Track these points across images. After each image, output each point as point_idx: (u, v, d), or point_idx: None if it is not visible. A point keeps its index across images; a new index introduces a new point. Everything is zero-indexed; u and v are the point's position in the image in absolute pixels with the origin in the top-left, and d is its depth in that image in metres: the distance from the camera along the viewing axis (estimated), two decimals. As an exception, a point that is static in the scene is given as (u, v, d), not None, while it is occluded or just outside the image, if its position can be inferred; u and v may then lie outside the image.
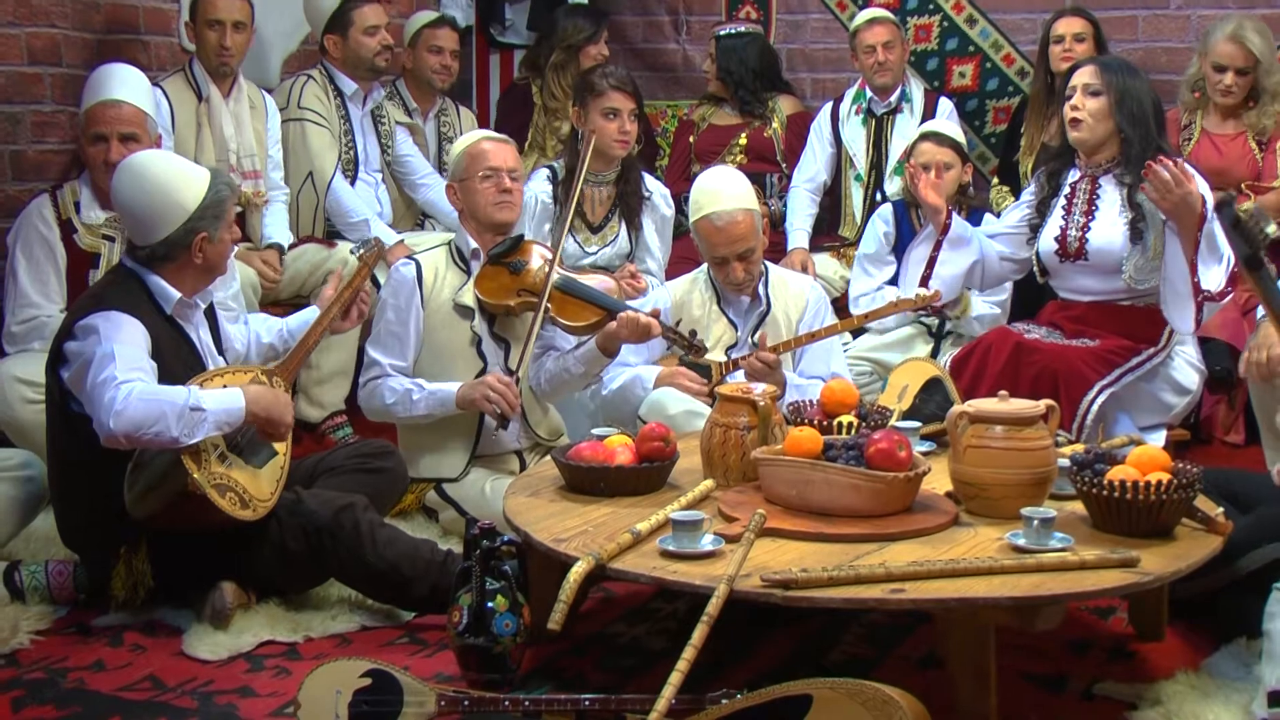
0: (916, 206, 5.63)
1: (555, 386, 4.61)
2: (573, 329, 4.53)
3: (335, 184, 5.67)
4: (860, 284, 5.72)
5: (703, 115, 6.61)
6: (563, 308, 4.52)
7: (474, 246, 4.56)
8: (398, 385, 4.47)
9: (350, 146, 5.78)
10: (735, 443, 3.63)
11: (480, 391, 4.36)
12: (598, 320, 4.50)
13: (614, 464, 3.62)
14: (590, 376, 4.61)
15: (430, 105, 6.28)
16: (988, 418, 3.36)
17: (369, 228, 5.63)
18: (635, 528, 3.22)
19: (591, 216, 5.61)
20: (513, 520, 3.43)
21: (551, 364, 4.60)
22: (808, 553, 3.11)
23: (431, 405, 4.44)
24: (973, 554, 3.09)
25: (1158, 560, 3.07)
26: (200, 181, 3.82)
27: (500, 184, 4.51)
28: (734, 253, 4.65)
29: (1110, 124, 4.62)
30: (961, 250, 4.86)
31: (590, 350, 4.51)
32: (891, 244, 5.71)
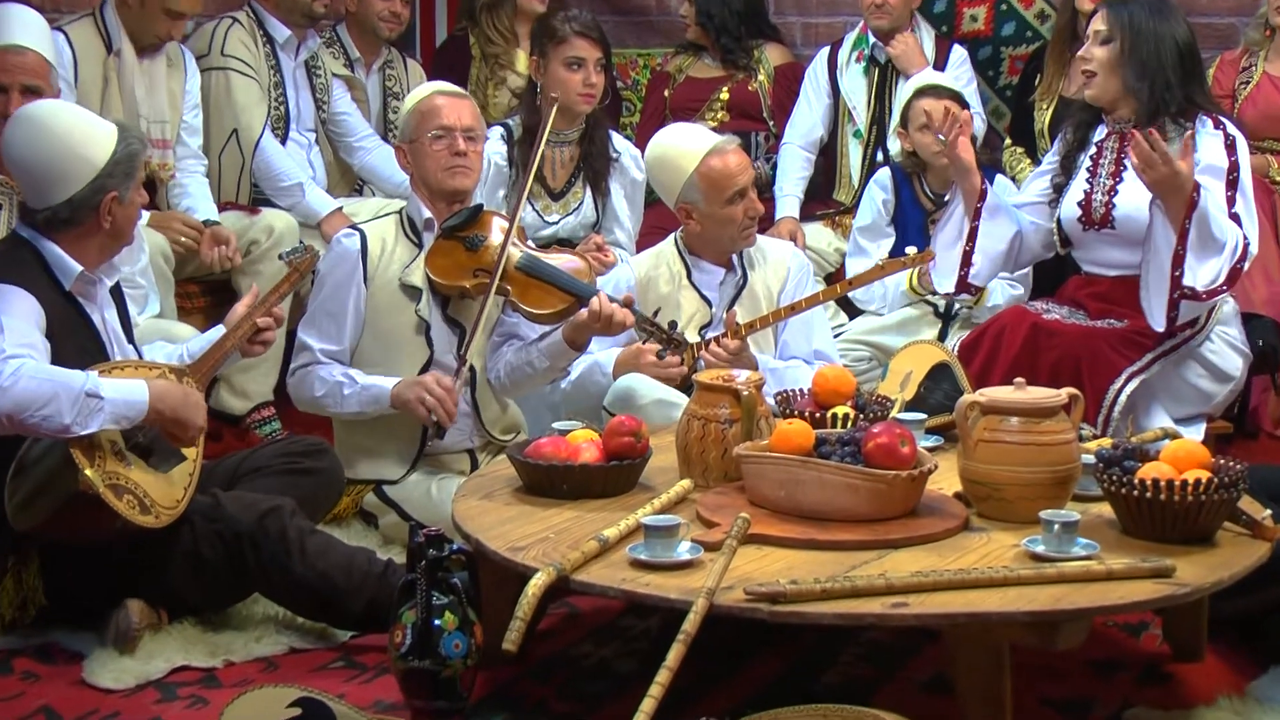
0: (920, 173, 5.63)
1: (516, 381, 4.59)
2: (536, 317, 4.51)
3: (264, 143, 5.63)
4: (858, 262, 5.71)
5: (679, 66, 6.59)
6: (525, 292, 4.49)
7: (427, 216, 4.53)
8: (329, 375, 4.45)
9: (281, 101, 5.75)
10: (715, 437, 3.62)
11: (415, 393, 4.33)
12: (565, 308, 4.48)
13: (578, 462, 3.61)
14: (556, 372, 4.60)
15: (374, 57, 6.24)
16: (1002, 408, 3.37)
17: (303, 193, 5.60)
18: (602, 534, 3.21)
19: (552, 181, 5.59)
20: (463, 526, 3.42)
21: (513, 355, 4.58)
22: (798, 562, 3.11)
23: (363, 402, 4.42)
24: (985, 563, 3.09)
25: (1196, 570, 3.08)
26: (109, 135, 3.80)
27: (453, 146, 4.48)
28: (750, 179, 4.75)
29: (1119, 77, 4.62)
30: (1000, 220, 4.86)
31: (556, 343, 4.49)
32: (890, 214, 5.71)
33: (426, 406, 4.31)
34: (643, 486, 3.67)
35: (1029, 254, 4.96)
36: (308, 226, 5.57)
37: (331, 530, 4.14)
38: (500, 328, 4.62)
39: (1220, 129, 4.59)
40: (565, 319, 4.47)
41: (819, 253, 6.04)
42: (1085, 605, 2.93)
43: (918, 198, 5.67)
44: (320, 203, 5.64)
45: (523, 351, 4.56)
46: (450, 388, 4.32)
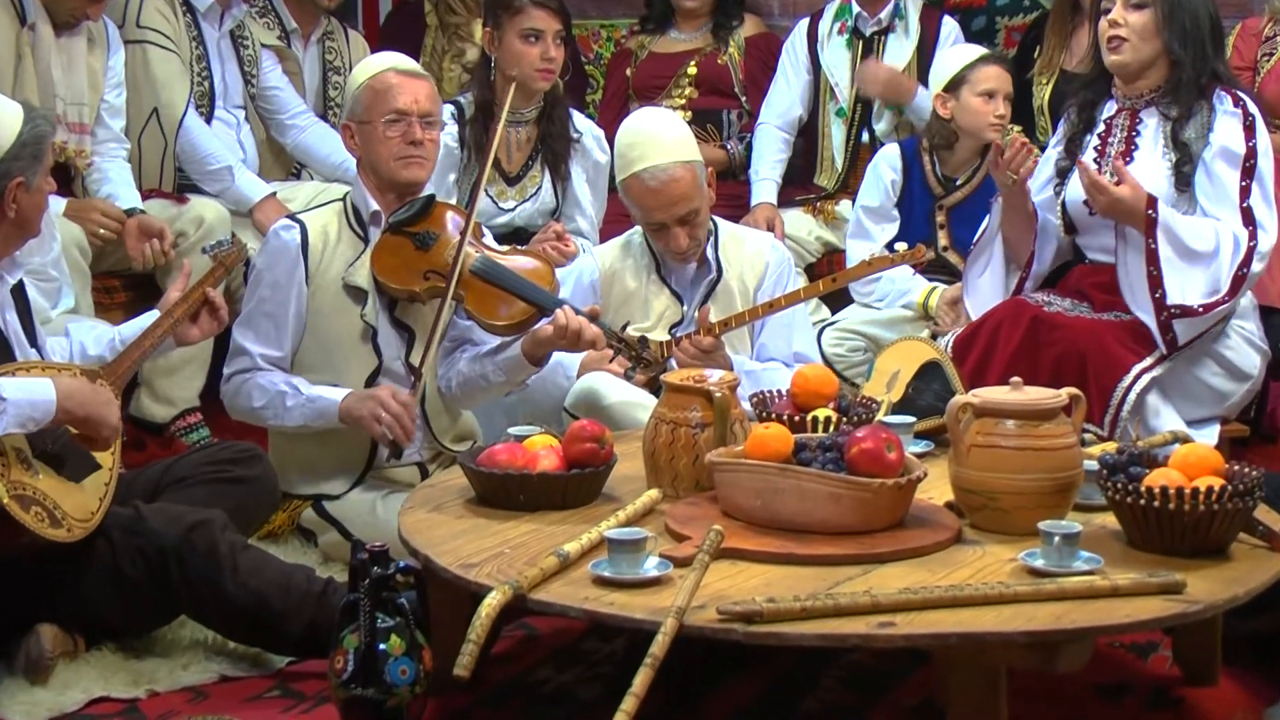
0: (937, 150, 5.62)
1: (468, 393, 4.57)
2: (492, 328, 4.47)
3: (188, 122, 5.61)
4: (857, 246, 5.69)
5: (640, 43, 6.59)
6: (481, 300, 4.45)
7: (374, 209, 4.50)
8: (269, 384, 4.42)
9: (205, 76, 5.72)
10: (686, 443, 3.63)
11: (369, 409, 4.30)
12: (525, 319, 4.44)
13: (536, 471, 3.61)
14: (513, 386, 4.58)
15: (313, 27, 6.21)
16: (998, 410, 3.38)
17: (232, 176, 5.58)
18: (562, 549, 3.21)
19: (507, 165, 5.59)
20: (410, 542, 3.42)
21: (466, 365, 4.55)
22: (776, 578, 3.11)
23: (309, 415, 4.39)
24: (979, 578, 3.10)
25: (1208, 585, 3.09)
26: (13, 115, 3.78)
27: (410, 133, 4.43)
28: (674, 217, 4.66)
29: (1157, 44, 4.65)
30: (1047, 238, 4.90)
31: (513, 357, 4.46)
32: (897, 195, 5.71)
33: (382, 424, 4.29)
34: (606, 497, 3.67)
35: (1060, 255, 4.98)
36: (238, 214, 5.56)
37: (266, 547, 4.12)
38: (452, 331, 4.59)
39: (1240, 107, 4.62)
40: (525, 330, 4.44)
41: (799, 242, 6.05)
42: (1088, 624, 2.93)
43: (926, 180, 5.66)
44: (252, 187, 5.62)
45: (477, 364, 4.53)
46: (408, 402, 4.29)
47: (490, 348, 4.52)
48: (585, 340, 4.35)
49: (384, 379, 4.43)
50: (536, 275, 4.52)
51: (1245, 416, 5.02)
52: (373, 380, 4.43)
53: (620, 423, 4.37)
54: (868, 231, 5.71)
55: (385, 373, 4.44)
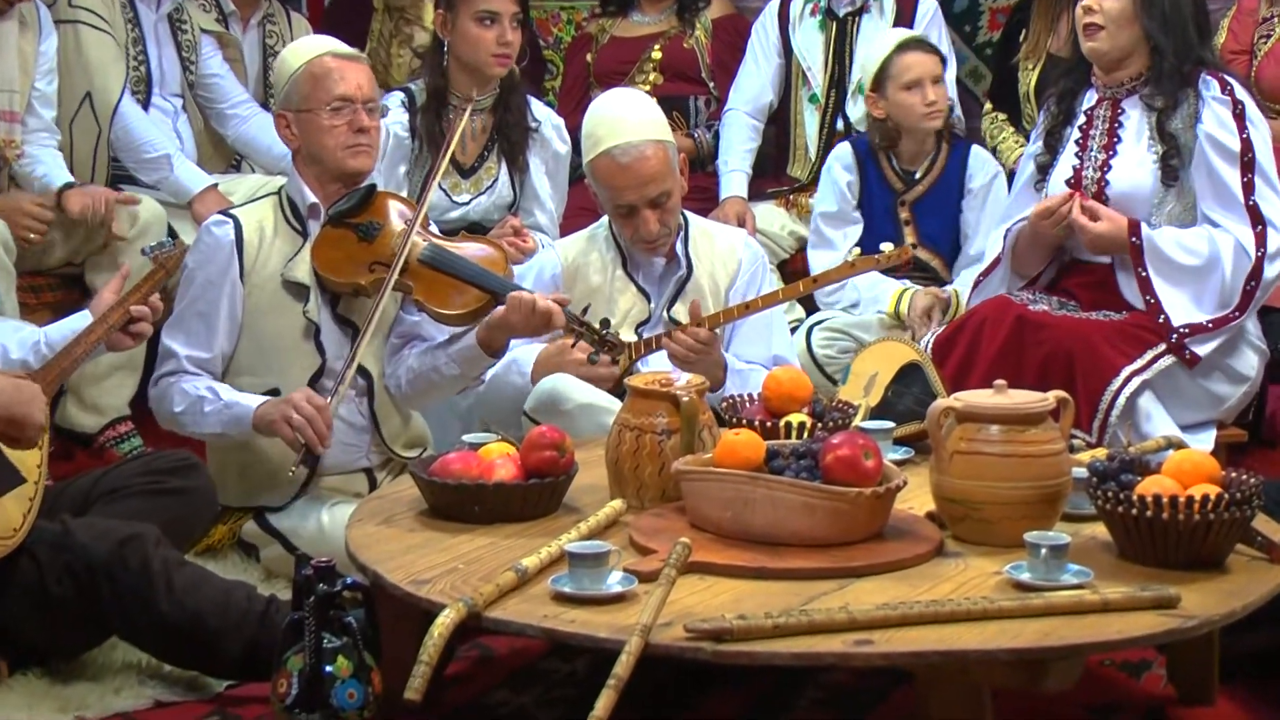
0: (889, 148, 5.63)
1: (420, 391, 4.55)
2: (444, 318, 4.47)
3: (124, 108, 5.60)
4: (819, 258, 5.70)
5: (602, 27, 6.60)
6: (431, 289, 4.45)
7: (312, 201, 4.49)
8: (191, 389, 4.39)
9: (141, 60, 5.71)
10: (651, 451, 3.63)
11: (280, 411, 4.26)
12: (478, 307, 4.44)
13: (492, 480, 3.61)
14: (467, 380, 4.57)
15: (253, 10, 6.22)
16: (981, 415, 3.38)
17: (171, 166, 5.57)
18: (520, 564, 3.21)
19: (461, 156, 5.58)
20: (358, 556, 3.42)
21: (416, 361, 4.54)
22: (747, 593, 3.12)
23: (225, 421, 4.36)
24: (962, 593, 3.10)
25: (1204, 600, 3.10)
26: None
27: (356, 121, 4.41)
28: (644, 198, 4.65)
29: (1135, 30, 4.66)
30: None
31: (467, 347, 4.46)
32: (856, 196, 5.72)
33: (293, 426, 4.25)
34: (567, 508, 3.67)
35: None
36: (176, 206, 5.54)
37: (204, 563, 4.11)
38: (399, 326, 4.59)
39: (1228, 94, 4.63)
40: (479, 319, 4.44)
41: (770, 237, 6.05)
42: (1077, 641, 2.94)
43: (885, 176, 5.67)
44: (191, 178, 5.60)
45: (428, 356, 4.52)
46: (322, 406, 4.26)
47: (442, 340, 4.52)
48: (540, 313, 4.33)
49: (327, 380, 4.42)
50: (489, 261, 4.54)
51: (1243, 420, 5.05)
52: (315, 381, 4.42)
53: (582, 428, 4.36)
54: (829, 240, 5.70)
55: (328, 373, 4.42)
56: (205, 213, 5.27)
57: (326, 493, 4.51)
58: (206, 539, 4.43)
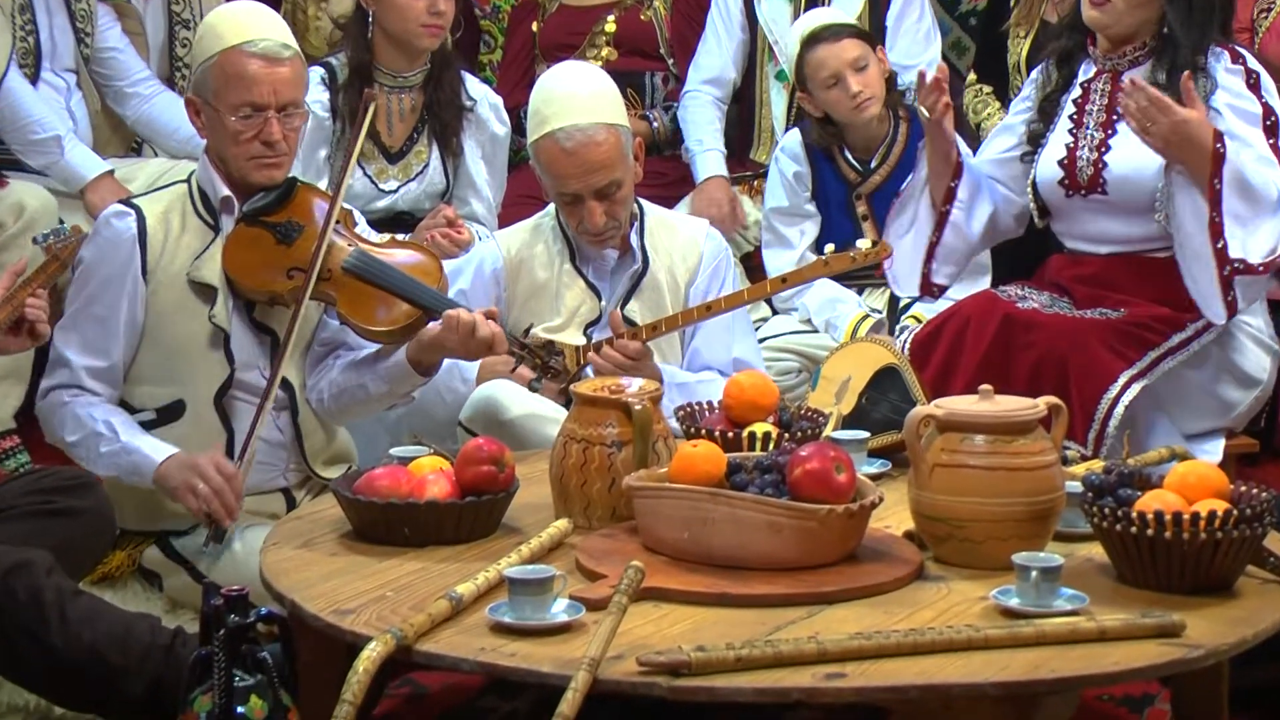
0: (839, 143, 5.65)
1: (344, 407, 4.52)
2: (370, 334, 4.42)
3: (9, 83, 5.58)
4: (775, 258, 5.71)
5: (548, -9, 6.60)
6: (355, 303, 4.40)
7: (225, 194, 4.45)
8: (89, 417, 4.35)
9: (30, 30, 5.70)
10: (600, 465, 3.64)
11: (184, 479, 4.23)
12: (408, 323, 4.40)
13: (423, 499, 3.61)
14: (396, 398, 4.54)
15: (160, -23, 6.21)
16: (965, 424, 3.39)
17: (62, 148, 5.55)
18: (454, 591, 3.21)
19: (388, 139, 5.58)
20: (274, 584, 3.41)
21: (340, 375, 4.51)
22: (706, 622, 3.12)
23: (122, 468, 4.32)
24: (944, 621, 3.11)
25: (1211, 627, 3.11)
26: None
27: (266, 133, 4.34)
28: (590, 187, 4.66)
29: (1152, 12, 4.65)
30: (978, 201, 4.92)
31: (397, 364, 4.42)
32: (810, 188, 5.73)
33: (198, 497, 4.22)
34: (507, 529, 3.68)
35: (999, 233, 5.02)
36: (68, 195, 5.52)
37: (100, 592, 4.09)
38: (323, 333, 4.56)
39: (1240, 63, 4.65)
40: (409, 336, 4.41)
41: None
42: (1072, 674, 2.94)
43: (838, 167, 5.69)
44: (85, 162, 5.58)
45: (354, 371, 4.49)
46: (233, 475, 4.22)
47: (369, 353, 4.50)
48: (480, 339, 4.29)
49: (237, 391, 4.40)
50: (421, 271, 4.48)
51: (1254, 428, 5.06)
52: (224, 392, 4.39)
53: (524, 440, 4.37)
54: (784, 238, 5.73)
55: (238, 384, 4.40)
56: (100, 202, 5.26)
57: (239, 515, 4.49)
58: (103, 566, 4.39)
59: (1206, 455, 4.52)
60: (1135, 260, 4.76)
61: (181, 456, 4.28)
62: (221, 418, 4.42)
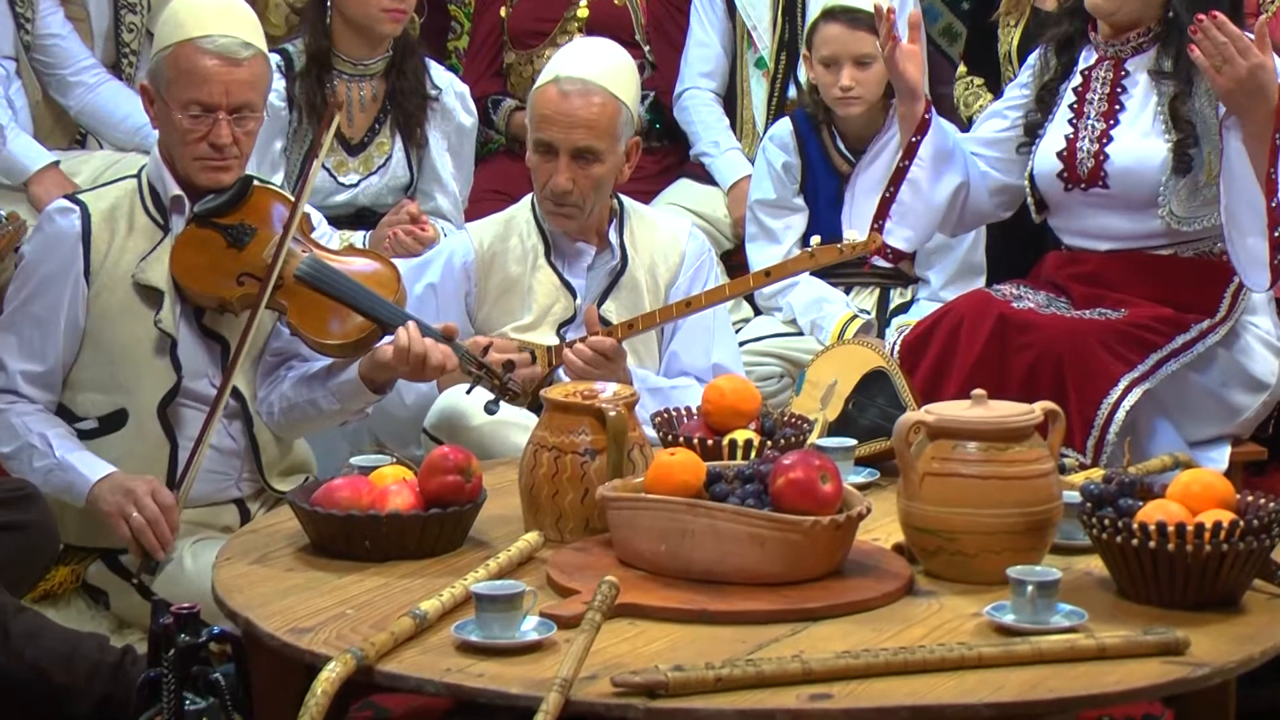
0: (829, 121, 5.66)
1: (294, 422, 4.50)
2: (321, 347, 4.42)
3: None
4: (760, 252, 5.72)
5: (517, -25, 6.60)
6: (307, 313, 4.39)
7: (176, 193, 4.43)
8: (23, 426, 4.34)
9: (-36, 17, 5.70)
10: (572, 474, 3.64)
11: (118, 505, 4.21)
12: (361, 338, 4.39)
13: (385, 510, 3.60)
14: (349, 415, 4.55)
15: (103, -41, 6.20)
16: (957, 430, 3.40)
17: (3, 139, 5.54)
18: (418, 609, 3.20)
19: (349, 130, 5.57)
20: (227, 601, 3.41)
21: (292, 389, 4.49)
22: (684, 640, 3.13)
23: (55, 485, 4.30)
24: (935, 638, 3.12)
25: (1217, 645, 3.12)
26: None
27: (215, 135, 4.32)
28: (570, 142, 4.66)
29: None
30: (945, 166, 4.91)
31: (350, 381, 4.42)
32: (799, 181, 5.74)
33: (131, 525, 4.20)
34: (474, 542, 3.68)
35: (974, 214, 5.03)
36: (10, 188, 5.51)
37: (43, 610, 4.09)
38: (275, 342, 4.55)
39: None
40: (362, 351, 4.40)
41: (713, 223, 6.07)
42: (1070, 694, 2.95)
43: (828, 156, 5.69)
44: (28, 153, 5.57)
45: (305, 386, 4.48)
46: (169, 506, 4.21)
47: (321, 367, 4.49)
48: (432, 366, 4.29)
49: (184, 400, 4.38)
50: (378, 282, 4.45)
51: (1262, 435, 5.06)
52: (169, 401, 4.37)
53: (492, 448, 4.37)
54: (770, 231, 5.73)
55: (185, 393, 4.39)
56: (45, 195, 5.25)
57: (189, 527, 4.45)
58: (45, 582, 4.38)
59: (1212, 463, 4.52)
60: (1137, 257, 4.76)
61: (118, 478, 4.27)
62: (166, 428, 4.40)
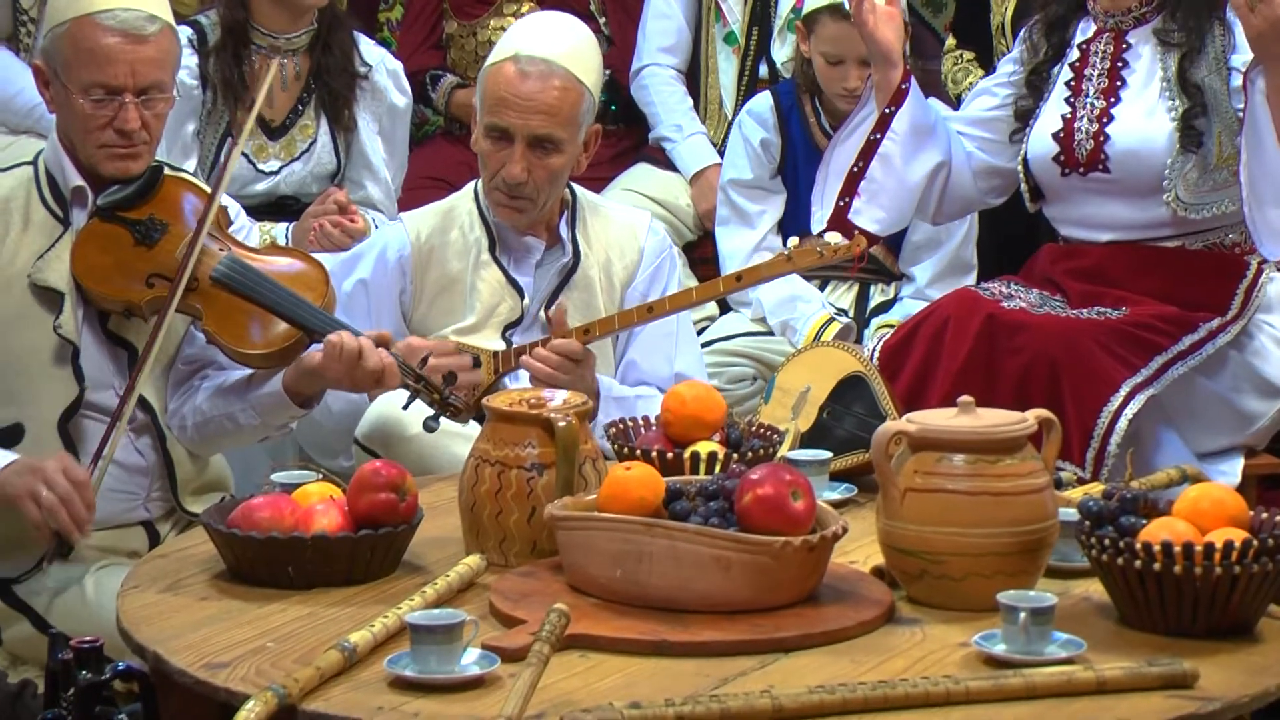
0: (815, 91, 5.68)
1: (209, 437, 4.49)
2: (241, 357, 4.40)
3: None
4: (732, 238, 5.73)
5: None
6: (225, 319, 4.37)
7: (77, 184, 4.42)
8: None
9: None
10: (518, 492, 3.64)
11: (26, 485, 4.16)
12: (286, 346, 4.38)
13: (310, 532, 3.60)
14: (271, 430, 4.55)
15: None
16: (942, 441, 3.41)
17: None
18: (347, 641, 3.20)
19: (269, 111, 5.57)
20: (134, 634, 3.40)
21: (206, 402, 4.47)
22: (642, 675, 3.13)
23: None
24: (918, 671, 3.12)
25: (1228, 677, 3.13)
26: None
27: (121, 120, 4.30)
28: (528, 129, 4.66)
29: None
30: (923, 142, 4.92)
31: (272, 393, 4.42)
32: (777, 161, 5.75)
33: (42, 507, 4.17)
34: (409, 566, 3.68)
35: (957, 199, 5.04)
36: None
37: (-70, 645, 4.10)
38: (188, 349, 4.54)
39: None
40: (286, 361, 4.39)
41: (674, 212, 6.09)
42: (1067, 731, 2.97)
43: (811, 135, 5.71)
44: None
45: (220, 399, 4.47)
46: (82, 482, 4.17)
47: (240, 378, 4.48)
48: (368, 370, 4.26)
49: (87, 412, 4.38)
50: (304, 284, 4.44)
51: (1277, 446, 5.08)
52: (71, 414, 4.37)
53: (430, 462, 4.38)
54: (745, 215, 5.75)
55: (88, 405, 4.38)
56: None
57: (91, 553, 4.45)
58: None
59: (1222, 477, 4.55)
60: (1140, 250, 4.79)
61: (23, 461, 4.23)
62: (67, 443, 4.38)
